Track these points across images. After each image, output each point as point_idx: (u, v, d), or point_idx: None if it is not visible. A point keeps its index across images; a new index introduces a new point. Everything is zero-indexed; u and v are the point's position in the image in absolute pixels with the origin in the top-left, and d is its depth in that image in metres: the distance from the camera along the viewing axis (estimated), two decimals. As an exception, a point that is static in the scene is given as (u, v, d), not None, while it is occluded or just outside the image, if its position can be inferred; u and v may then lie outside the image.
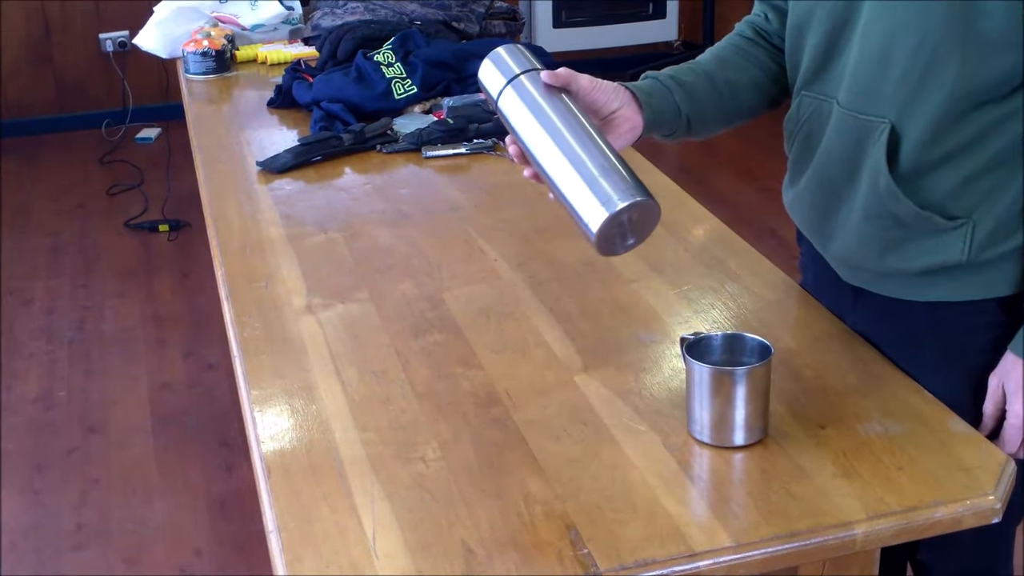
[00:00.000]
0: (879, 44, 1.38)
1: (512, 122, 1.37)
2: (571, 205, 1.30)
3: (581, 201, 1.28)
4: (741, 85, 1.57)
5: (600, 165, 1.29)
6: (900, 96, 1.37)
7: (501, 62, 1.40)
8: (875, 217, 1.44)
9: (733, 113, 1.58)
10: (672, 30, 5.62)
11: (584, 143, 1.31)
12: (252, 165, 2.23)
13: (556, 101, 1.36)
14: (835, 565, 1.30)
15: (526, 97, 1.37)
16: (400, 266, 1.81)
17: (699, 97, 1.52)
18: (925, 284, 1.46)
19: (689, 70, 1.55)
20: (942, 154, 1.38)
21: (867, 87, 1.40)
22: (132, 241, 4.28)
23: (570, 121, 1.34)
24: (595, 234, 1.27)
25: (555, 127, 1.33)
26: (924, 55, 1.33)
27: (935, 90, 1.34)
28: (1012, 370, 1.42)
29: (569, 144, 1.31)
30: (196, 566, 2.62)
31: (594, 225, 1.27)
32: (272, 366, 1.56)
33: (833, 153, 1.47)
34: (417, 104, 2.44)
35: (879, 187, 1.41)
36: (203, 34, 2.89)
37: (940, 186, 1.39)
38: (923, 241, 1.42)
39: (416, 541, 1.22)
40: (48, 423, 3.17)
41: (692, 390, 1.35)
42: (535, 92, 1.36)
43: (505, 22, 2.95)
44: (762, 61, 1.60)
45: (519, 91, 1.37)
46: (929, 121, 1.36)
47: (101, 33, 5.24)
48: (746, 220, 4.09)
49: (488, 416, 1.43)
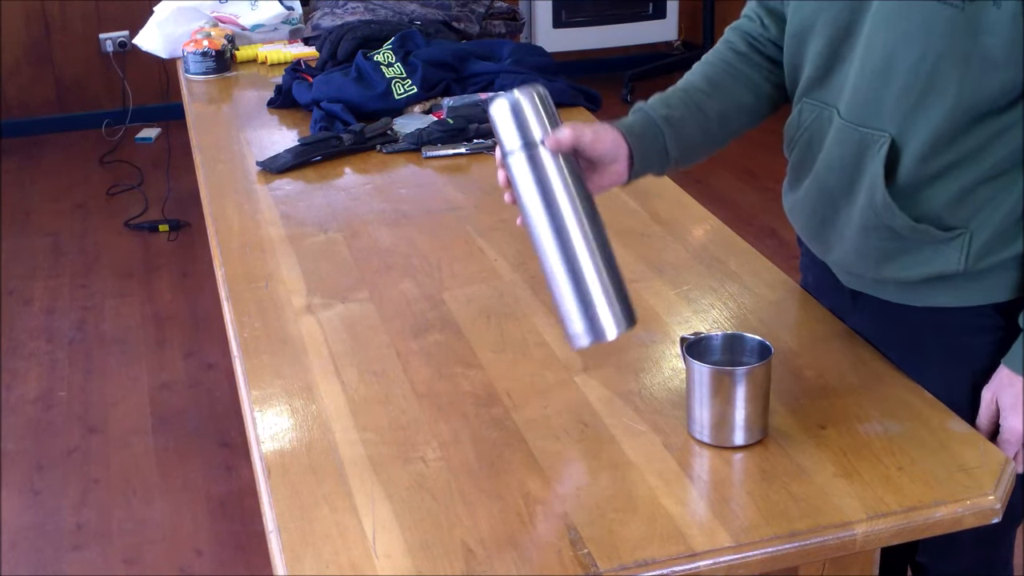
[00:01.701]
0: (881, 57, 1.36)
1: (518, 190, 1.37)
2: (561, 309, 1.36)
3: (572, 315, 1.36)
4: (731, 114, 1.55)
5: (599, 284, 1.34)
6: (901, 110, 1.36)
7: (520, 115, 1.36)
8: (872, 229, 1.43)
9: (720, 141, 1.56)
10: (672, 30, 5.62)
11: (588, 251, 1.35)
12: (252, 165, 2.23)
13: (566, 187, 1.36)
14: (835, 565, 1.30)
15: (538, 174, 1.36)
16: (400, 266, 1.81)
17: (689, 133, 1.50)
18: (924, 291, 1.46)
19: (683, 101, 1.51)
20: (940, 167, 1.37)
21: (868, 99, 1.39)
22: (132, 241, 4.28)
23: (578, 218, 1.35)
24: (575, 347, 1.37)
25: (563, 224, 1.35)
26: (926, 70, 1.32)
27: (936, 105, 1.33)
28: (1008, 385, 1.41)
29: (572, 249, 1.35)
30: (196, 566, 2.62)
31: (577, 343, 1.36)
32: (272, 366, 1.56)
33: (833, 163, 1.46)
34: (417, 104, 2.44)
35: (876, 201, 1.40)
36: (203, 34, 2.89)
37: (937, 198, 1.38)
38: (920, 252, 1.42)
39: (416, 541, 1.22)
40: (48, 423, 3.17)
41: (692, 390, 1.35)
42: (548, 171, 1.36)
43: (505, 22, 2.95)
44: (754, 82, 1.57)
45: (532, 164, 1.36)
46: (929, 136, 1.35)
47: (101, 33, 5.24)
48: (746, 220, 4.10)
49: (488, 416, 1.43)
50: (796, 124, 1.53)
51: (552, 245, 1.35)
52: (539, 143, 1.35)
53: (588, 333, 1.35)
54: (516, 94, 1.36)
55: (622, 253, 1.82)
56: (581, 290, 1.35)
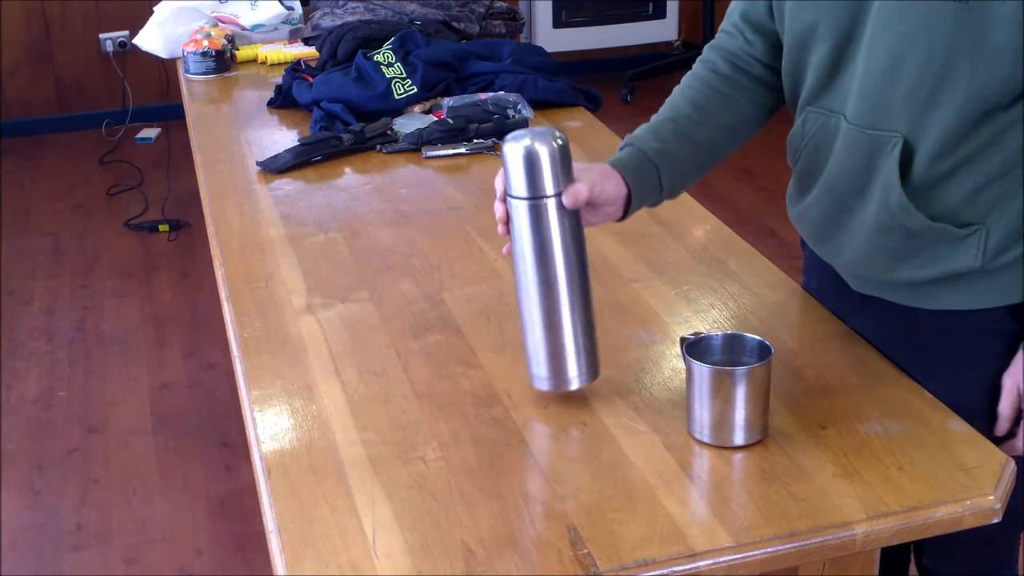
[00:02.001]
0: (887, 58, 1.35)
1: (515, 233, 1.39)
2: (529, 350, 1.43)
3: (539, 360, 1.43)
4: (718, 140, 1.54)
5: (572, 342, 1.41)
6: (911, 110, 1.35)
7: (534, 167, 1.36)
8: (887, 231, 1.43)
9: (707, 167, 1.56)
10: (672, 30, 5.62)
11: (570, 311, 1.40)
12: (252, 165, 2.23)
13: (564, 244, 1.38)
14: (835, 565, 1.30)
15: (539, 226, 1.38)
16: (400, 266, 1.81)
17: (681, 166, 1.51)
18: (936, 292, 1.45)
19: (672, 132, 1.51)
20: (954, 164, 1.36)
21: (876, 102, 1.38)
22: (132, 241, 4.28)
23: (568, 277, 1.40)
24: (535, 387, 1.45)
25: (552, 280, 1.39)
26: (934, 68, 1.32)
27: (947, 102, 1.33)
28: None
29: (556, 305, 1.40)
30: (196, 566, 2.62)
31: (538, 384, 1.44)
32: (272, 366, 1.56)
33: (842, 169, 1.45)
34: (417, 104, 2.44)
35: (891, 202, 1.39)
36: (203, 34, 2.89)
37: (952, 196, 1.38)
38: (936, 250, 1.42)
39: (416, 541, 1.22)
40: (48, 423, 3.17)
41: (692, 390, 1.35)
42: (550, 225, 1.37)
43: (505, 22, 2.95)
44: (740, 106, 1.56)
45: (535, 214, 1.37)
46: (941, 133, 1.34)
47: (101, 33, 5.23)
48: (746, 220, 4.10)
49: (488, 416, 1.43)
50: (800, 134, 1.51)
51: (536, 295, 1.40)
52: (547, 196, 1.36)
53: (551, 381, 1.43)
54: (534, 144, 1.35)
55: (622, 253, 1.82)
56: (555, 343, 1.41)
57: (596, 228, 1.87)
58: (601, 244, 1.84)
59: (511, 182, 1.37)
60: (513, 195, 1.37)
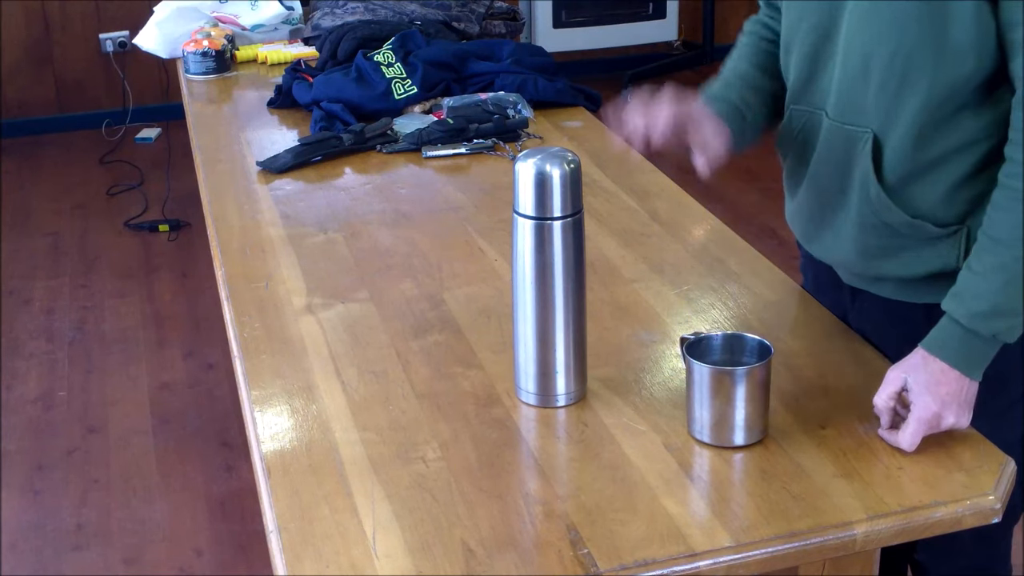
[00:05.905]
0: (860, 56, 1.41)
1: (516, 247, 1.41)
2: (519, 364, 1.44)
3: (528, 375, 1.44)
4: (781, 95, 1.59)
5: (563, 362, 1.42)
6: (881, 105, 1.40)
7: (543, 188, 1.37)
8: (870, 227, 1.46)
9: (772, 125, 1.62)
10: (672, 30, 5.61)
11: (564, 330, 1.42)
12: (252, 165, 2.23)
13: (564, 266, 1.39)
14: (835, 565, 1.30)
15: (542, 246, 1.39)
16: (400, 266, 1.81)
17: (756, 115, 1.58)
18: (923, 288, 1.47)
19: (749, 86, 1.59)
20: (927, 162, 1.40)
21: (851, 98, 1.43)
22: (132, 241, 4.28)
23: (564, 299, 1.41)
24: (521, 400, 1.45)
25: (549, 299, 1.40)
26: (900, 63, 1.37)
27: (911, 97, 1.37)
28: (922, 365, 1.36)
29: (550, 324, 1.41)
30: (196, 566, 2.62)
31: (524, 397, 1.45)
32: (272, 366, 1.56)
33: (826, 163, 1.50)
34: (417, 104, 2.44)
35: (870, 196, 1.43)
36: (203, 34, 2.89)
37: (929, 194, 1.41)
38: (919, 249, 1.44)
39: (416, 541, 1.22)
40: (48, 423, 3.17)
41: (692, 390, 1.35)
42: (554, 246, 1.39)
43: (505, 22, 2.95)
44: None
45: (538, 234, 1.38)
46: (909, 128, 1.39)
47: (101, 33, 5.23)
48: (746, 220, 4.09)
49: (488, 416, 1.43)
50: (788, 131, 1.56)
51: (532, 312, 1.41)
52: (554, 219, 1.38)
53: (538, 397, 1.44)
54: (546, 165, 1.37)
55: (622, 253, 1.82)
56: (545, 360, 1.42)
57: (596, 228, 1.88)
58: (601, 244, 1.84)
59: (519, 200, 1.39)
60: (520, 213, 1.39)
